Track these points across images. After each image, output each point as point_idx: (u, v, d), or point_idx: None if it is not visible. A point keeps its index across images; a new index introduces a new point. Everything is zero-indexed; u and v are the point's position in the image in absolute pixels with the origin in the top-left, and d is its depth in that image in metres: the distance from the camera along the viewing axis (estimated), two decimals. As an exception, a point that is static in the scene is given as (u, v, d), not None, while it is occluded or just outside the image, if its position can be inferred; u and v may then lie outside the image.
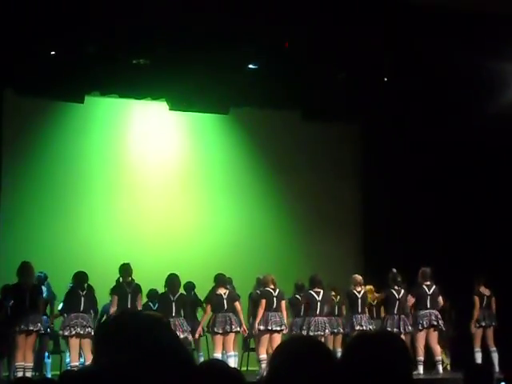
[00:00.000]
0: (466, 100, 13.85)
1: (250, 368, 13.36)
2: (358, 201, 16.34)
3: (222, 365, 2.67)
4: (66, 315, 11.92)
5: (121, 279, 12.21)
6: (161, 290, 12.62)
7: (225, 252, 13.01)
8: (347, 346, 2.83)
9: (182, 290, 12.55)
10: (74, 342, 11.77)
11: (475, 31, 12.12)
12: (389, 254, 13.88)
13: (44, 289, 12.42)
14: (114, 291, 12.16)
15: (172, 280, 12.26)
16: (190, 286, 13.18)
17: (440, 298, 13.23)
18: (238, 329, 12.46)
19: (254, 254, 13.69)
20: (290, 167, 15.97)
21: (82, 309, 11.83)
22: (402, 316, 13.13)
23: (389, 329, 12.72)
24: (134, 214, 14.95)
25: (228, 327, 12.32)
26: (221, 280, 12.63)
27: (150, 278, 12.60)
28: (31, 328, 11.52)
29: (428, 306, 13.04)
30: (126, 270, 12.21)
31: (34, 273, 11.85)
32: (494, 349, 13.37)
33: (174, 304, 12.14)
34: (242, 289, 13.13)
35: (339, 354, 2.82)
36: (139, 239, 14.27)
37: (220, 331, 12.28)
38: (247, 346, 13.65)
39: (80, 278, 11.97)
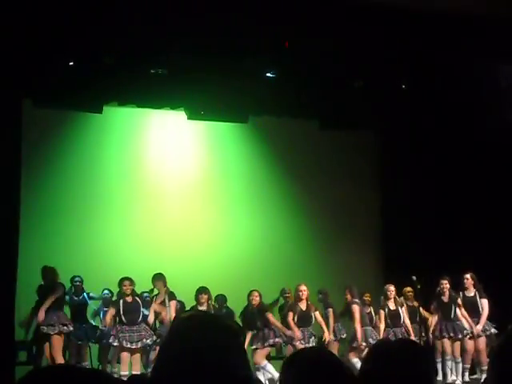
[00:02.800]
0: (483, 106, 13.78)
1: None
2: (376, 209, 16.28)
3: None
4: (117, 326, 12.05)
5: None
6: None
7: (243, 261, 12.99)
8: (367, 353, 2.82)
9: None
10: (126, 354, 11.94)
11: (493, 38, 12.07)
12: (409, 262, 13.82)
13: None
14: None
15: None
16: (221, 299, 13.02)
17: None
18: (277, 340, 12.44)
19: (273, 263, 13.62)
20: (308, 176, 15.95)
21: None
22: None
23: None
24: (152, 223, 14.97)
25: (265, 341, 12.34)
26: None
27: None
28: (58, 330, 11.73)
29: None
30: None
31: (56, 275, 11.98)
32: None
33: None
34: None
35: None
36: (157, 249, 14.26)
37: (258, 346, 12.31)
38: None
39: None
